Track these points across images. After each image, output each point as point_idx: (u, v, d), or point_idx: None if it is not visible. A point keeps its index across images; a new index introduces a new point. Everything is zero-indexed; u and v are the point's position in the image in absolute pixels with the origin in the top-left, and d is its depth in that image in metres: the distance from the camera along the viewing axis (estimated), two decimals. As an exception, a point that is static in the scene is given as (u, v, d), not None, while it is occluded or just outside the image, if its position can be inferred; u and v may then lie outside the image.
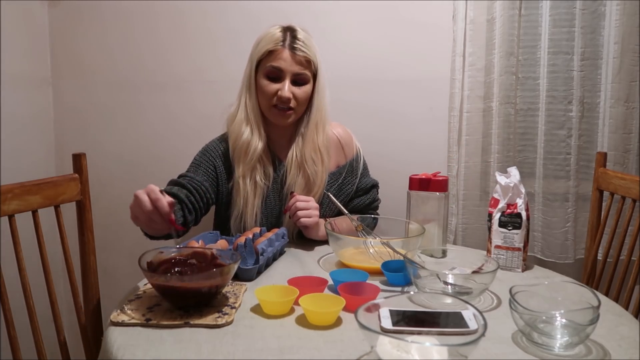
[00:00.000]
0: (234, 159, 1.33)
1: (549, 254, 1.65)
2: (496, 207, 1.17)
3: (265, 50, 1.27)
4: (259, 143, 1.31)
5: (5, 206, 1.04)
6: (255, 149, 1.31)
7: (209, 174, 1.34)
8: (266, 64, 1.28)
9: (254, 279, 1.07)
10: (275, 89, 1.28)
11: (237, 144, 1.31)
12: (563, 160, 1.62)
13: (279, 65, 1.27)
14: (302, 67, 1.29)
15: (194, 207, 1.27)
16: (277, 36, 1.28)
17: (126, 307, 0.90)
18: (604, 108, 1.61)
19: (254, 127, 1.31)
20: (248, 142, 1.30)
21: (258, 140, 1.31)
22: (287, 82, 1.28)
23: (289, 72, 1.28)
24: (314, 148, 1.34)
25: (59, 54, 1.79)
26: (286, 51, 1.27)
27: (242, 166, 1.31)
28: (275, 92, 1.28)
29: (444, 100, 1.69)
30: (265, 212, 1.36)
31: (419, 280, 0.94)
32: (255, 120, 1.32)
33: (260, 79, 1.30)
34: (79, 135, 1.82)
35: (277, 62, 1.27)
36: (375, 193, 1.51)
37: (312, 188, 1.34)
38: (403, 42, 1.71)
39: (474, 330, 0.74)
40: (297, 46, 1.27)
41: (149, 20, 1.76)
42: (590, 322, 0.75)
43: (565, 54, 1.59)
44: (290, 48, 1.27)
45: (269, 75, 1.28)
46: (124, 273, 1.81)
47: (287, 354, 0.75)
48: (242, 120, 1.31)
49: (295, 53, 1.27)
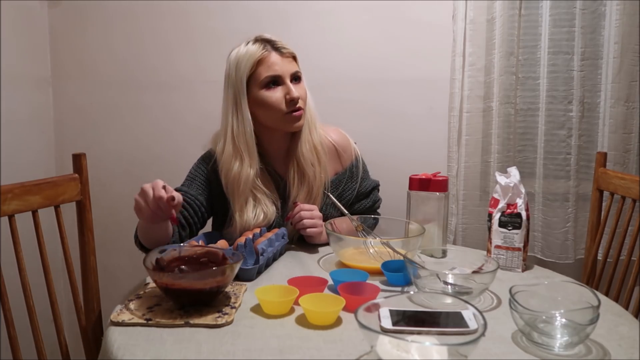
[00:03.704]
0: (228, 194, 1.27)
1: (549, 254, 1.65)
2: (496, 207, 1.17)
3: (253, 62, 1.22)
4: (250, 172, 1.25)
5: (5, 206, 1.04)
6: (247, 178, 1.24)
7: (204, 187, 1.29)
8: (259, 77, 1.23)
9: (254, 279, 1.07)
10: (282, 94, 1.24)
11: (229, 179, 1.25)
12: (563, 160, 1.62)
13: (275, 71, 1.23)
14: (294, 65, 1.27)
15: (187, 222, 1.24)
16: (254, 47, 1.23)
17: (126, 306, 0.90)
18: (604, 108, 1.61)
19: (245, 155, 1.25)
20: (238, 175, 1.24)
21: (249, 170, 1.25)
22: (289, 82, 1.25)
23: (286, 74, 1.24)
24: (309, 148, 1.31)
25: (59, 54, 1.79)
26: (273, 54, 1.23)
27: (239, 199, 1.25)
28: (283, 98, 1.24)
29: (444, 100, 1.69)
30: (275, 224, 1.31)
31: (419, 280, 0.94)
32: (245, 147, 1.25)
33: (258, 95, 1.24)
34: (79, 135, 1.82)
35: (271, 69, 1.22)
36: (376, 194, 1.50)
37: (312, 188, 1.31)
38: (403, 41, 1.71)
39: (474, 330, 0.74)
40: (280, 46, 1.25)
41: (150, 19, 1.76)
42: (590, 322, 0.75)
43: (566, 53, 1.59)
44: (276, 50, 1.24)
45: (267, 85, 1.23)
46: (124, 273, 1.81)
47: (287, 354, 0.75)
48: (230, 154, 1.25)
49: (282, 53, 1.25)
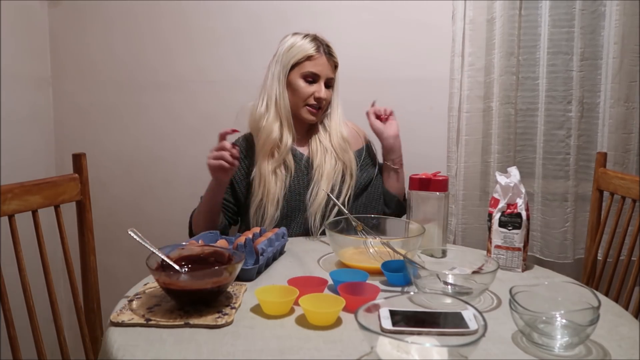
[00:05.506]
0: (260, 155, 1.41)
1: (547, 254, 1.65)
2: (496, 207, 1.16)
3: (305, 55, 1.39)
4: (289, 138, 1.42)
5: (5, 206, 1.04)
6: (286, 145, 1.41)
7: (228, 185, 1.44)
8: (304, 68, 1.39)
9: (253, 279, 1.07)
10: (312, 90, 1.41)
11: (268, 141, 1.40)
12: (562, 160, 1.62)
13: (317, 71, 1.40)
14: (333, 72, 1.44)
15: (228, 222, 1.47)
16: (311, 44, 1.40)
17: (126, 306, 0.90)
18: (604, 108, 1.62)
19: (285, 123, 1.41)
20: (279, 139, 1.40)
21: (289, 136, 1.42)
22: (323, 84, 1.41)
23: (324, 76, 1.41)
24: (342, 138, 1.46)
25: (59, 54, 1.79)
26: (323, 57, 1.40)
27: (270, 162, 1.40)
28: (311, 94, 1.41)
29: (444, 100, 1.69)
30: (288, 197, 1.42)
31: (419, 281, 0.94)
32: (287, 117, 1.41)
33: (295, 80, 1.40)
34: (79, 135, 1.82)
35: (315, 67, 1.39)
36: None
37: (346, 173, 1.44)
38: (402, 42, 1.72)
39: (474, 330, 0.74)
40: (330, 52, 1.42)
41: (150, 19, 1.76)
42: (590, 323, 0.75)
43: (565, 54, 1.59)
44: (326, 55, 1.41)
45: (306, 78, 1.40)
46: (124, 273, 1.81)
47: (287, 354, 0.75)
48: (274, 119, 1.40)
49: (329, 58, 1.42)
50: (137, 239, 0.94)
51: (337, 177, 1.43)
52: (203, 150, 1.37)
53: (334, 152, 1.45)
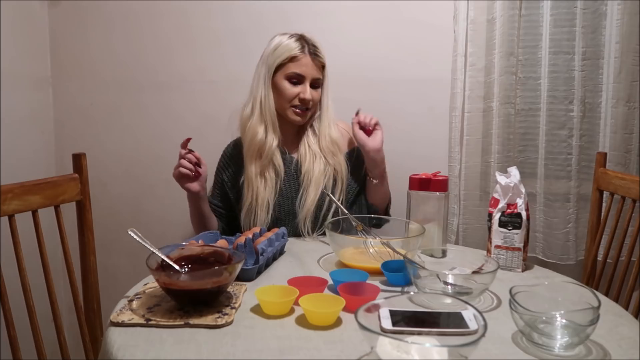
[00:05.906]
0: (246, 158, 1.41)
1: (550, 255, 1.65)
2: (496, 207, 1.16)
3: (288, 56, 1.36)
4: (274, 141, 1.40)
5: (5, 206, 1.04)
6: (270, 147, 1.39)
7: (221, 190, 1.49)
8: (288, 69, 1.37)
9: (253, 279, 1.07)
10: (296, 92, 1.38)
11: (253, 144, 1.39)
12: (564, 161, 1.62)
13: (301, 71, 1.37)
14: (319, 72, 1.41)
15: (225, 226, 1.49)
16: (296, 44, 1.37)
17: (126, 306, 0.89)
18: (606, 108, 1.61)
19: (269, 126, 1.39)
20: (263, 141, 1.38)
21: (273, 139, 1.39)
22: (308, 85, 1.39)
23: (309, 77, 1.38)
24: (331, 141, 1.44)
25: (59, 54, 1.79)
26: (307, 57, 1.37)
27: (256, 165, 1.40)
28: (296, 95, 1.38)
29: (445, 100, 1.69)
30: (280, 201, 1.41)
31: (419, 281, 0.94)
32: (271, 119, 1.39)
33: (279, 82, 1.39)
34: (79, 135, 1.82)
35: (299, 68, 1.37)
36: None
37: (337, 176, 1.42)
38: (404, 42, 1.71)
39: (474, 330, 0.74)
40: (315, 52, 1.39)
41: (150, 19, 1.76)
42: (590, 323, 0.75)
43: (566, 53, 1.58)
44: (311, 55, 1.38)
45: (290, 79, 1.38)
46: (124, 273, 1.81)
47: (287, 355, 0.75)
48: (258, 121, 1.39)
49: (314, 58, 1.38)
50: (137, 239, 0.94)
51: (327, 181, 1.41)
52: (203, 151, 1.37)
53: (322, 156, 1.43)
